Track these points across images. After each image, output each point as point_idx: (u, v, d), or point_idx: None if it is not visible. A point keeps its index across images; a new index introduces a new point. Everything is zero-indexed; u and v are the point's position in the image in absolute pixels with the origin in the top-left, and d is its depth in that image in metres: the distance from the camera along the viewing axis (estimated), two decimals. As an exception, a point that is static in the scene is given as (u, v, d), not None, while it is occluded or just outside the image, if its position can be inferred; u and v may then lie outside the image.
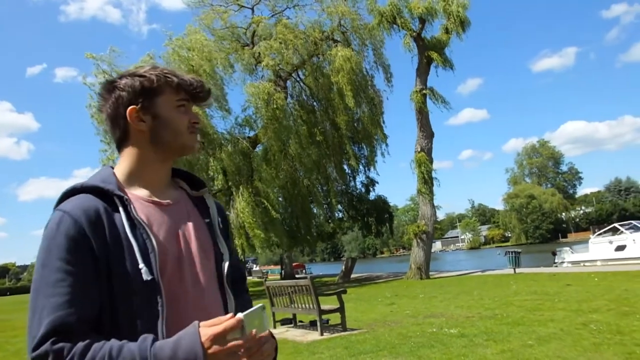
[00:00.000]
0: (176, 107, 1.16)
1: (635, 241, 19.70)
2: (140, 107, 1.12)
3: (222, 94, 21.39)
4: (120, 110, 1.13)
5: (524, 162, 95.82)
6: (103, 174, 1.12)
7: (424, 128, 21.13)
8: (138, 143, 1.14)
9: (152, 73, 1.14)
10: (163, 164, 1.19)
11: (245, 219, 18.66)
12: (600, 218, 79.17)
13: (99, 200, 1.03)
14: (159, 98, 1.14)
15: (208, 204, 1.25)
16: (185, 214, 1.17)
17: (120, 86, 1.13)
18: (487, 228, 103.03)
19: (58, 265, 0.95)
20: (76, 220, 0.98)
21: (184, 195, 1.23)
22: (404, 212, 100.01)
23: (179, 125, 1.16)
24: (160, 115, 1.14)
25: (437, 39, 21.54)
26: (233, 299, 1.19)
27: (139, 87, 1.12)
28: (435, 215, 22.40)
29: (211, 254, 1.18)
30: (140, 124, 1.13)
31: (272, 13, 23.79)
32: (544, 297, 9.98)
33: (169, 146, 1.16)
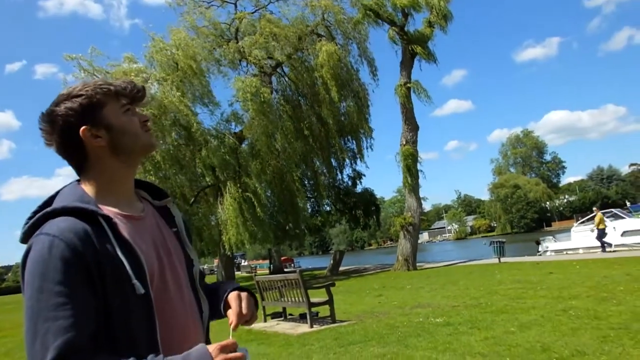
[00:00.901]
0: (123, 112, 1.19)
1: (615, 229, 20.19)
2: (91, 125, 1.15)
3: (208, 89, 21.38)
4: (71, 135, 1.14)
5: (508, 153, 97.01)
6: (77, 193, 1.14)
7: (409, 121, 21.32)
8: (99, 159, 1.17)
9: (88, 90, 1.16)
10: (129, 172, 1.23)
11: (233, 215, 18.73)
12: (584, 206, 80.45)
13: (83, 222, 1.05)
14: (104, 110, 1.17)
15: (173, 213, 1.33)
16: (156, 226, 1.25)
17: (61, 113, 1.14)
18: (473, 218, 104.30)
19: (57, 289, 0.97)
20: (68, 243, 1.00)
21: (149, 206, 1.29)
22: (390, 204, 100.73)
23: (133, 128, 1.20)
24: (113, 125, 1.17)
25: (420, 33, 21.67)
26: (206, 299, 1.30)
27: (80, 107, 1.14)
28: (421, 207, 22.68)
29: (182, 260, 1.26)
30: (97, 139, 1.15)
31: (255, 8, 23.78)
32: (527, 286, 10.26)
33: (131, 150, 1.20)
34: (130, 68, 20.39)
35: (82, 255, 1.01)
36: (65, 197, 1.12)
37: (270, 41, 21.14)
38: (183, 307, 1.20)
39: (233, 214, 18.70)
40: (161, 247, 1.21)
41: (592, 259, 15.09)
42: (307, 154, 22.72)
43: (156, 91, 20.12)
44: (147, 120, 1.24)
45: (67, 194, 1.14)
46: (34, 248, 1.02)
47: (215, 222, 21.50)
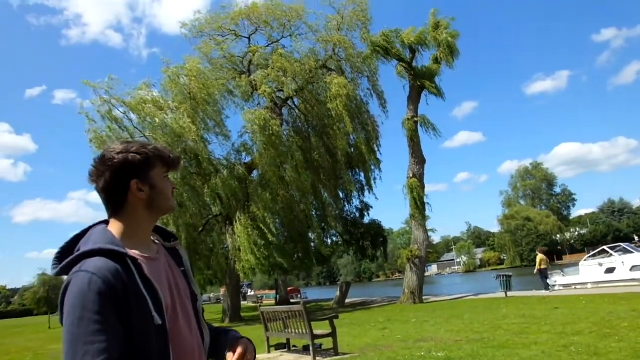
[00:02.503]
0: (164, 177, 1.47)
1: (624, 263, 20.03)
2: (140, 180, 1.40)
3: (221, 119, 21.97)
4: (121, 182, 1.39)
5: (517, 185, 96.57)
6: (109, 236, 1.36)
7: (416, 154, 21.62)
8: (135, 208, 1.41)
9: (145, 151, 1.42)
10: (152, 223, 1.49)
11: (242, 244, 18.93)
12: (595, 239, 79.53)
13: (114, 262, 1.27)
14: (153, 171, 1.43)
15: (181, 254, 1.58)
16: (168, 265, 1.49)
17: (118, 162, 1.38)
18: (482, 251, 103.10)
19: (95, 318, 1.17)
20: (104, 280, 1.21)
21: (161, 248, 1.53)
22: (398, 235, 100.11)
23: (168, 192, 1.47)
24: (156, 186, 1.43)
25: (427, 68, 22.21)
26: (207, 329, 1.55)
27: (138, 163, 1.40)
28: (428, 239, 22.71)
29: (189, 296, 1.50)
30: (140, 193, 1.40)
31: (268, 42, 24.50)
32: (531, 321, 10.27)
33: (161, 210, 1.47)
34: (146, 97, 21.01)
35: (115, 291, 1.22)
36: (99, 239, 1.33)
37: (281, 75, 21.74)
38: (190, 336, 1.44)
39: (246, 241, 18.90)
40: (173, 284, 1.45)
41: (600, 294, 15.00)
42: (316, 185, 23.01)
43: (169, 120, 20.70)
44: (174, 187, 1.52)
45: (100, 236, 1.36)
46: (74, 283, 1.23)
47: (224, 251, 21.69)
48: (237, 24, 23.86)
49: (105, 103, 20.22)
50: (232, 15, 23.88)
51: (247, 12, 23.53)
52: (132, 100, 20.61)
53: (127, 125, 20.67)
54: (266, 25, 23.66)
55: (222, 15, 24.31)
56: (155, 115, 20.35)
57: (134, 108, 20.33)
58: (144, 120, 20.57)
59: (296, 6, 23.61)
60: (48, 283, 44.84)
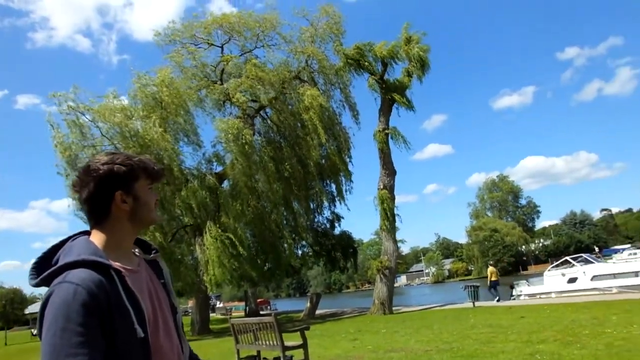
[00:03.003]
0: (148, 189, 1.47)
1: (585, 273, 20.75)
2: (125, 191, 1.40)
3: (192, 128, 21.74)
4: (105, 193, 1.38)
5: (485, 197, 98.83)
6: (92, 247, 1.35)
7: (387, 166, 21.88)
8: (118, 220, 1.41)
9: (130, 162, 1.42)
10: (134, 235, 1.49)
11: (215, 254, 18.68)
12: (558, 250, 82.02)
13: (98, 274, 1.26)
14: (137, 183, 1.43)
15: (162, 266, 1.58)
16: (148, 278, 1.49)
17: (104, 173, 1.38)
18: (450, 262, 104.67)
19: (79, 330, 1.16)
20: (89, 291, 1.21)
21: (141, 260, 1.52)
22: (368, 246, 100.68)
23: (151, 204, 1.47)
24: (139, 197, 1.43)
25: (399, 82, 22.58)
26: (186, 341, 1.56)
27: (123, 174, 1.40)
28: (397, 250, 22.93)
29: (169, 308, 1.51)
30: (124, 204, 1.40)
31: (241, 52, 24.44)
32: (498, 330, 10.48)
33: (143, 221, 1.47)
34: (115, 105, 20.61)
35: (99, 303, 1.21)
36: (82, 250, 1.32)
37: (254, 85, 21.73)
38: (171, 348, 1.44)
39: (215, 253, 18.65)
40: (154, 296, 1.45)
41: (563, 303, 15.44)
42: (288, 196, 22.98)
43: (139, 128, 20.34)
44: (158, 200, 1.52)
45: (83, 247, 1.34)
46: (57, 294, 1.21)
47: (193, 263, 21.35)
48: (210, 33, 23.76)
49: (72, 110, 19.74)
50: (205, 24, 23.77)
51: (220, 21, 23.48)
52: (99, 107, 20.19)
53: (95, 133, 20.24)
54: (239, 35, 23.64)
55: (196, 24, 24.18)
56: (124, 124, 19.96)
57: (102, 115, 19.90)
58: (112, 129, 20.16)
59: (270, 17, 23.70)
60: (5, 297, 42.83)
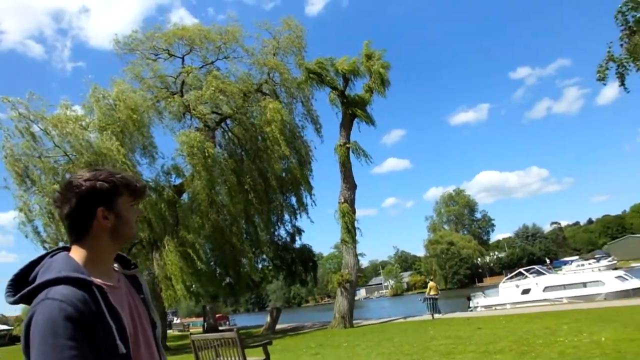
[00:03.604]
0: (130, 206, 1.48)
1: (538, 284, 21.55)
2: (106, 208, 1.40)
3: (149, 141, 21.25)
4: (87, 209, 1.37)
5: (442, 210, 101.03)
6: (72, 264, 1.34)
7: (347, 180, 22.09)
8: (99, 236, 1.40)
9: (113, 179, 1.42)
10: (114, 252, 1.48)
11: (170, 270, 18.22)
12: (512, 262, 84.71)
13: (80, 290, 1.25)
14: (119, 199, 1.43)
15: (141, 282, 1.58)
16: (129, 293, 1.49)
17: (86, 189, 1.38)
18: (409, 274, 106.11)
19: (69, 344, 1.16)
20: (74, 307, 1.21)
21: (121, 275, 1.52)
22: (327, 259, 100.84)
23: (132, 221, 1.48)
24: (121, 215, 1.43)
25: (360, 97, 22.95)
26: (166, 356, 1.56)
27: (106, 191, 1.40)
28: (358, 264, 23.08)
29: (149, 323, 1.50)
30: (105, 221, 1.40)
31: (202, 63, 24.19)
32: (457, 341, 10.70)
33: (124, 238, 1.47)
34: (69, 115, 19.95)
35: (84, 318, 1.21)
36: (63, 267, 1.31)
37: (215, 96, 21.52)
38: None
39: (174, 268, 18.19)
40: (135, 312, 1.45)
41: (517, 314, 15.95)
42: (248, 209, 22.76)
43: (94, 140, 19.74)
44: (139, 216, 1.53)
45: (64, 263, 1.33)
46: (41, 311, 1.20)
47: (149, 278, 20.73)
48: (171, 43, 23.43)
49: (24, 118, 18.96)
50: (166, 35, 23.42)
51: (182, 32, 23.21)
52: (52, 117, 19.49)
53: (47, 143, 19.49)
54: (201, 46, 23.42)
55: (157, 34, 23.77)
56: (78, 134, 19.30)
57: (55, 125, 19.21)
58: (65, 139, 19.46)
59: (232, 29, 23.64)
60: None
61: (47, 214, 18.81)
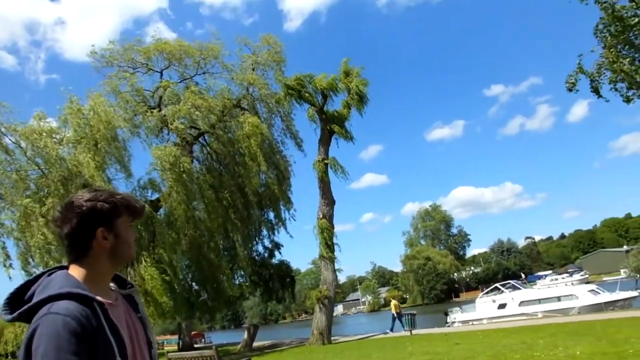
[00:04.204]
0: (129, 226, 1.51)
1: (513, 299, 21.85)
2: (106, 228, 1.43)
3: (125, 155, 20.90)
4: (87, 229, 1.40)
5: (418, 225, 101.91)
6: (73, 281, 1.36)
7: (326, 195, 22.12)
8: (98, 256, 1.43)
9: (113, 199, 1.45)
10: (113, 272, 1.51)
11: (147, 287, 17.84)
12: (488, 277, 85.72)
13: (82, 306, 1.28)
14: (119, 220, 1.46)
15: (137, 301, 1.59)
16: (126, 312, 1.50)
17: (87, 210, 1.40)
18: (386, 290, 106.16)
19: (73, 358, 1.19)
20: (77, 322, 1.23)
21: (118, 294, 1.53)
22: (305, 275, 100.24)
23: (131, 241, 1.51)
24: (120, 235, 1.46)
25: (338, 113, 23.11)
26: None
27: (106, 211, 1.42)
28: (336, 280, 23.02)
29: (145, 342, 1.52)
30: (105, 241, 1.43)
31: (181, 78, 24.07)
32: (435, 357, 10.73)
33: (123, 258, 1.50)
34: (42, 128, 19.55)
35: (86, 333, 1.24)
36: (65, 283, 1.33)
37: (193, 111, 21.39)
38: None
39: (150, 285, 17.82)
40: (132, 330, 1.47)
41: (494, 329, 16.10)
42: (226, 224, 22.54)
43: (68, 153, 19.37)
44: (136, 237, 1.57)
45: (64, 280, 1.35)
46: (44, 325, 1.22)
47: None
48: (149, 58, 23.26)
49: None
50: (145, 49, 23.26)
51: (161, 47, 23.08)
52: (25, 129, 19.05)
53: (19, 157, 19.02)
54: (180, 61, 23.34)
55: (136, 47, 23.56)
56: (51, 148, 18.89)
57: (28, 138, 18.78)
58: (38, 153, 19.03)
59: (212, 45, 23.66)
60: None
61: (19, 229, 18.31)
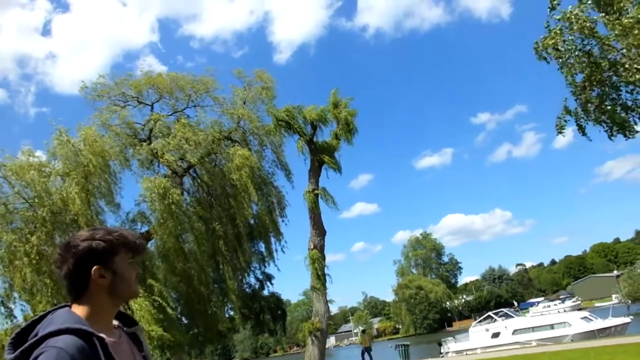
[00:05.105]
0: (128, 263, 1.52)
1: (507, 328, 21.74)
2: (102, 266, 1.45)
3: (114, 188, 20.84)
4: (84, 269, 1.43)
5: (409, 254, 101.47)
6: (75, 317, 1.38)
7: (317, 226, 22.05)
8: (97, 294, 1.45)
9: (109, 237, 1.48)
10: (115, 309, 1.52)
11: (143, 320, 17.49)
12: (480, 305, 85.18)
13: (81, 340, 1.29)
14: (116, 257, 1.48)
15: (141, 339, 1.60)
16: (130, 350, 1.52)
17: (82, 250, 1.43)
18: (378, 320, 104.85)
19: None
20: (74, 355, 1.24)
21: (122, 332, 1.55)
22: (296, 307, 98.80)
23: (130, 278, 1.52)
24: (118, 272, 1.47)
25: (327, 144, 23.30)
26: None
27: (101, 250, 1.45)
28: (329, 311, 22.73)
29: None
30: (102, 279, 1.45)
31: (172, 111, 24.21)
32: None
33: (123, 295, 1.51)
34: (31, 162, 19.45)
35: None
36: (66, 320, 1.35)
37: (183, 144, 21.48)
38: None
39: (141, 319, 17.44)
40: None
41: (489, 359, 15.97)
42: (216, 256, 22.35)
43: (57, 187, 19.24)
44: (139, 274, 1.58)
45: (66, 317, 1.37)
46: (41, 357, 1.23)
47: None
48: (140, 91, 23.45)
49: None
50: (135, 82, 23.47)
51: (152, 81, 23.33)
52: (13, 163, 18.96)
53: (7, 192, 18.84)
54: (171, 94, 23.57)
55: (129, 81, 23.74)
56: (38, 182, 18.78)
57: (16, 173, 18.67)
58: (26, 187, 18.90)
59: (204, 79, 23.95)
60: None
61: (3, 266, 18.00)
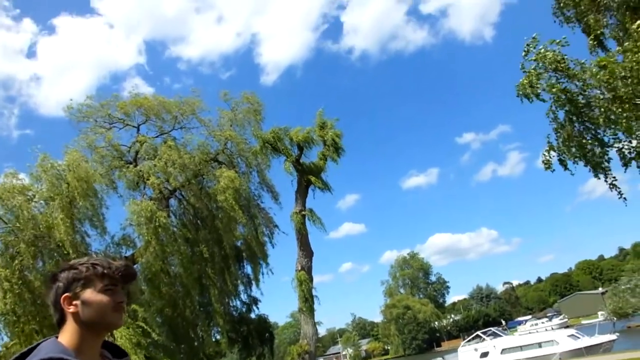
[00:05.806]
0: (103, 291, 1.49)
1: (495, 347, 21.73)
2: (71, 295, 1.48)
3: (99, 212, 20.60)
4: (58, 297, 1.49)
5: (397, 274, 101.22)
6: (60, 347, 1.41)
7: (304, 247, 22.02)
8: (72, 323, 1.48)
9: (82, 266, 1.51)
10: (96, 338, 1.50)
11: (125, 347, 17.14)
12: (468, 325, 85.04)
13: None
14: (86, 286, 1.49)
15: None
16: None
17: (59, 279, 1.51)
18: (367, 341, 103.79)
19: None
20: None
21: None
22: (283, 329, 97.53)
23: (102, 306, 1.48)
24: (85, 300, 1.48)
25: (314, 165, 23.47)
26: None
27: (71, 279, 1.50)
28: (317, 333, 22.54)
29: None
30: (71, 307, 1.48)
31: (158, 133, 24.17)
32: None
33: (96, 324, 1.49)
34: (14, 185, 19.21)
35: None
36: (50, 349, 1.38)
37: (169, 166, 21.42)
38: None
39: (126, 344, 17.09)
40: None
41: (477, 380, 15.93)
42: (202, 279, 22.13)
43: (41, 211, 19.00)
44: (122, 301, 1.53)
45: (51, 346, 1.40)
46: None
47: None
48: (127, 112, 23.41)
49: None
50: (122, 104, 23.45)
51: (139, 102, 23.33)
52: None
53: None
54: (158, 116, 23.57)
55: (113, 103, 23.72)
56: (22, 207, 18.52)
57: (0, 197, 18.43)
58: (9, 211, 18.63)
59: (191, 100, 24.05)
60: None
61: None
